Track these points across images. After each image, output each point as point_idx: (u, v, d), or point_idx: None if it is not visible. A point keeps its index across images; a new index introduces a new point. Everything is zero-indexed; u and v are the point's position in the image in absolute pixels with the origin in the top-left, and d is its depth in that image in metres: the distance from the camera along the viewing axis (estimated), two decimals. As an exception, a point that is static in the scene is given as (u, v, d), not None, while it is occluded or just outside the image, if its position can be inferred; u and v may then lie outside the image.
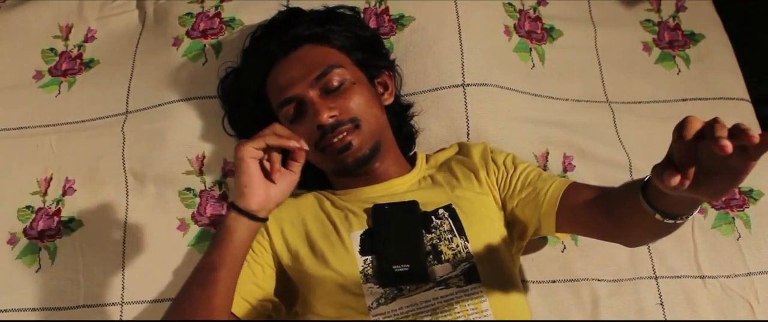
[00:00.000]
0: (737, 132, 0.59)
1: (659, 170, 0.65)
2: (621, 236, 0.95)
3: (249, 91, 1.13)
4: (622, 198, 0.87)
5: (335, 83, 1.04)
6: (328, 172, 1.12)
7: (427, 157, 1.16)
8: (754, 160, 0.60)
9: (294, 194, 1.13)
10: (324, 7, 1.19)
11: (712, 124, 0.61)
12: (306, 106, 1.04)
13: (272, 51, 1.08)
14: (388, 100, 1.14)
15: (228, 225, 0.90)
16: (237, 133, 1.21)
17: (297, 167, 0.94)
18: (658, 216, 0.78)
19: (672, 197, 0.72)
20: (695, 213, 0.79)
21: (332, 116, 1.02)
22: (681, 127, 0.64)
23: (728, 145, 0.58)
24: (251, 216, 0.90)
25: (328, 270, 0.96)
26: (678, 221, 0.78)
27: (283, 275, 1.02)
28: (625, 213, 0.86)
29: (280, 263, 1.01)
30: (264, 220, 0.92)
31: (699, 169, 0.65)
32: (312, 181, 1.17)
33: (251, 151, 0.89)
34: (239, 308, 0.96)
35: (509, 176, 1.06)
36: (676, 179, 0.64)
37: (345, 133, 1.02)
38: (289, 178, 0.93)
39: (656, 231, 0.86)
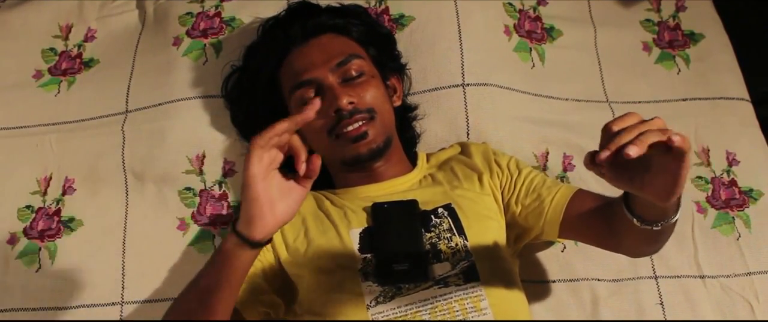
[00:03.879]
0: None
1: (588, 153, 0.69)
2: (620, 246, 0.97)
3: (262, 76, 1.12)
4: (617, 207, 0.88)
5: (354, 73, 1.06)
6: (333, 165, 1.12)
7: (428, 157, 1.16)
8: (679, 160, 0.65)
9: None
10: (339, 4, 1.19)
11: (624, 130, 0.65)
12: (324, 91, 1.04)
13: (293, 35, 1.09)
14: (396, 102, 1.15)
15: (230, 250, 0.85)
16: (240, 130, 1.21)
17: (308, 183, 0.84)
18: (635, 221, 0.80)
19: (643, 202, 0.77)
20: (675, 219, 0.80)
21: (351, 103, 1.02)
22: (612, 120, 0.68)
23: (634, 149, 0.62)
24: (256, 244, 0.84)
25: (327, 269, 0.96)
26: (654, 228, 0.80)
27: (282, 273, 1.02)
28: (619, 222, 0.87)
29: (280, 261, 1.01)
30: (268, 243, 0.87)
31: (641, 170, 0.69)
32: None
33: (261, 168, 0.80)
34: (244, 306, 0.96)
35: (513, 179, 1.06)
36: (587, 159, 0.68)
37: (361, 123, 1.03)
38: (297, 194, 0.84)
39: (642, 239, 0.89)
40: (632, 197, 0.80)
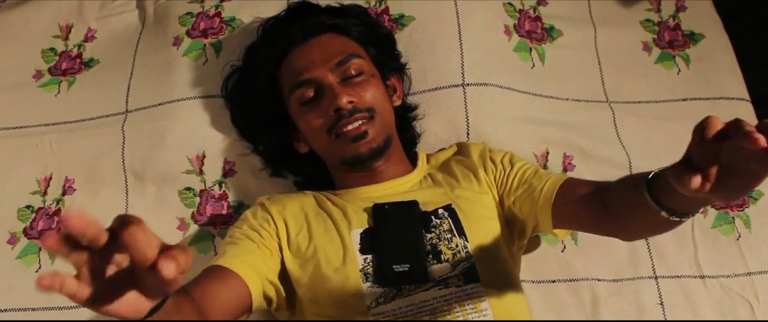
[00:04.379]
0: (764, 128, 0.56)
1: (679, 171, 0.63)
2: (618, 231, 0.93)
3: (261, 76, 1.12)
4: (620, 193, 0.86)
5: (353, 72, 1.06)
6: (333, 165, 1.12)
7: (428, 157, 1.16)
8: None
9: (295, 194, 1.13)
10: (339, 4, 1.20)
11: (737, 122, 0.58)
12: (323, 90, 1.04)
13: (292, 35, 1.09)
14: (396, 102, 1.16)
15: None
16: (240, 130, 1.21)
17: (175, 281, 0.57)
18: (664, 213, 0.76)
19: (683, 196, 0.68)
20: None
21: (350, 102, 1.03)
22: (702, 128, 0.61)
23: (762, 139, 0.55)
24: (150, 314, 0.64)
25: (328, 268, 0.96)
26: (684, 220, 0.77)
27: (282, 267, 1.01)
28: (622, 208, 0.85)
29: (282, 256, 1.00)
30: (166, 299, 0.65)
31: (718, 170, 0.62)
32: (312, 181, 1.17)
33: (93, 290, 0.58)
34: (249, 278, 0.93)
35: (506, 173, 1.06)
36: (696, 182, 0.61)
37: (361, 122, 1.03)
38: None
39: (657, 227, 0.85)
40: (660, 188, 0.75)
